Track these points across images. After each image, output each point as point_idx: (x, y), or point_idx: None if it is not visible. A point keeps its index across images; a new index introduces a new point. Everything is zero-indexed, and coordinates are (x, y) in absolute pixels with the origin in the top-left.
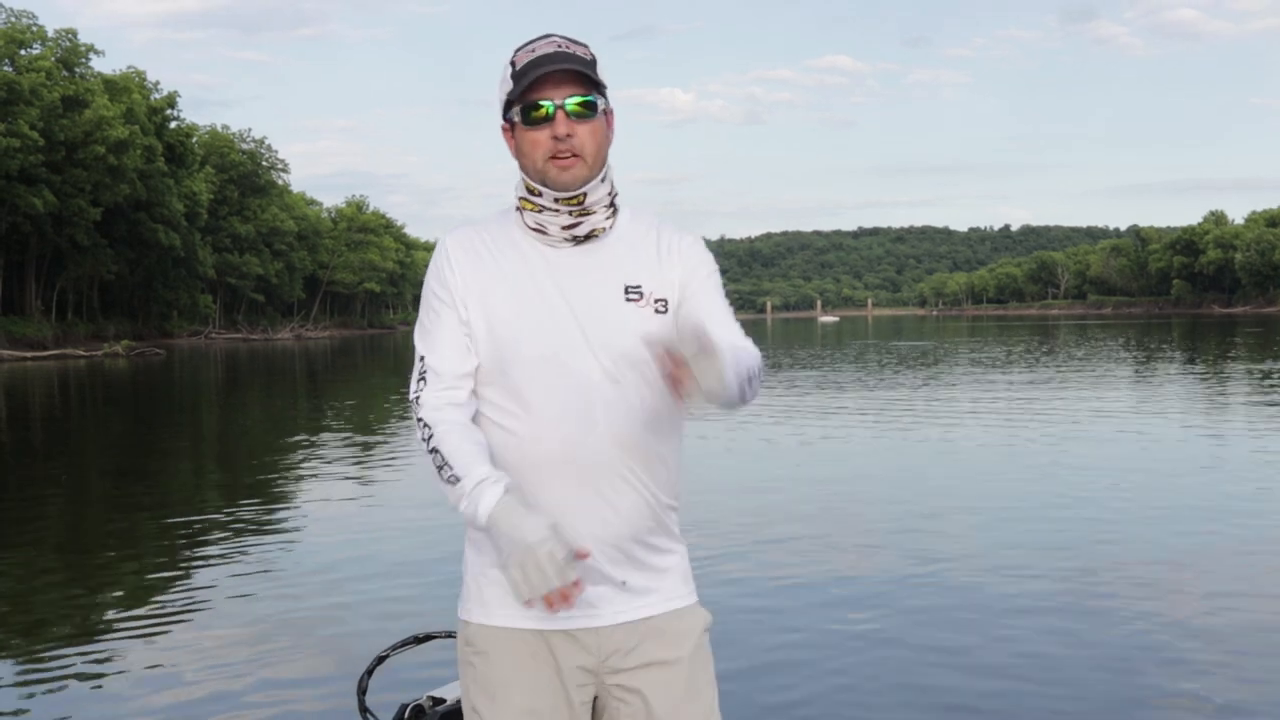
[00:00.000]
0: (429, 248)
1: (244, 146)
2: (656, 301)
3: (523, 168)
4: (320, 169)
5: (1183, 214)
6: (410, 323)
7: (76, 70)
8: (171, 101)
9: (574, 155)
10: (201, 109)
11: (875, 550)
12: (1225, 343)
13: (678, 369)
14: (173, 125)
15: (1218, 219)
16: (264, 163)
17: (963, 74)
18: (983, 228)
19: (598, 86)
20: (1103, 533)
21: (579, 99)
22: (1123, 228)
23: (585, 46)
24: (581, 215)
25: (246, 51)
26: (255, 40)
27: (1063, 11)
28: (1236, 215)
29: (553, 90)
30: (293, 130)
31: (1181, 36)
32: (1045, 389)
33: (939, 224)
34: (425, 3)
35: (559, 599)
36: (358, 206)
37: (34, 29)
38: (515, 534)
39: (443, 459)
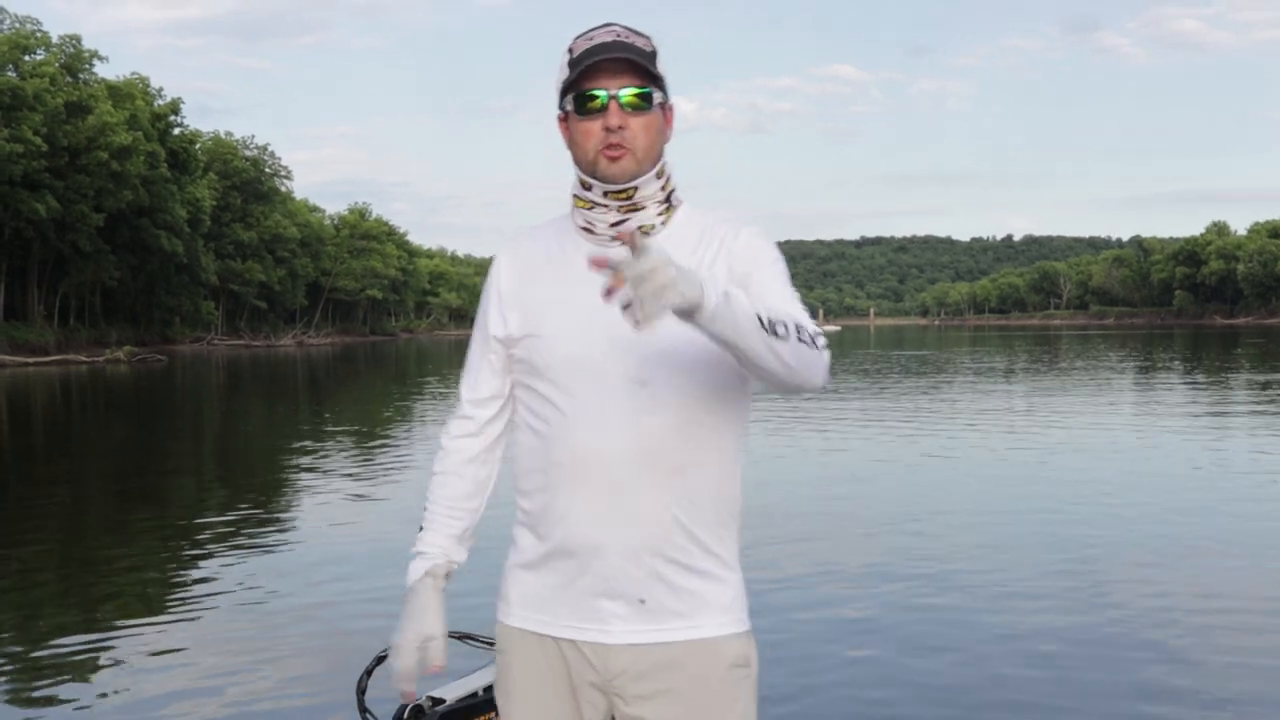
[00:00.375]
0: (431, 255)
1: (247, 153)
2: None
3: (575, 159)
4: (323, 176)
5: (1185, 225)
6: (413, 330)
7: (80, 76)
8: (175, 108)
9: (624, 148)
10: (205, 116)
11: (872, 556)
12: (1227, 354)
13: (614, 278)
14: (176, 132)
15: (1220, 230)
16: (267, 169)
17: (966, 84)
18: (985, 237)
19: (656, 79)
20: (1102, 542)
21: (634, 90)
22: (1125, 238)
23: (647, 38)
24: (630, 211)
25: (250, 59)
26: (258, 48)
27: (1065, 22)
28: (1239, 226)
29: (608, 80)
30: (296, 137)
31: (1184, 47)
32: (1046, 399)
33: (941, 233)
34: (427, 12)
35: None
36: (360, 213)
37: (38, 35)
38: (403, 621)
39: (426, 503)
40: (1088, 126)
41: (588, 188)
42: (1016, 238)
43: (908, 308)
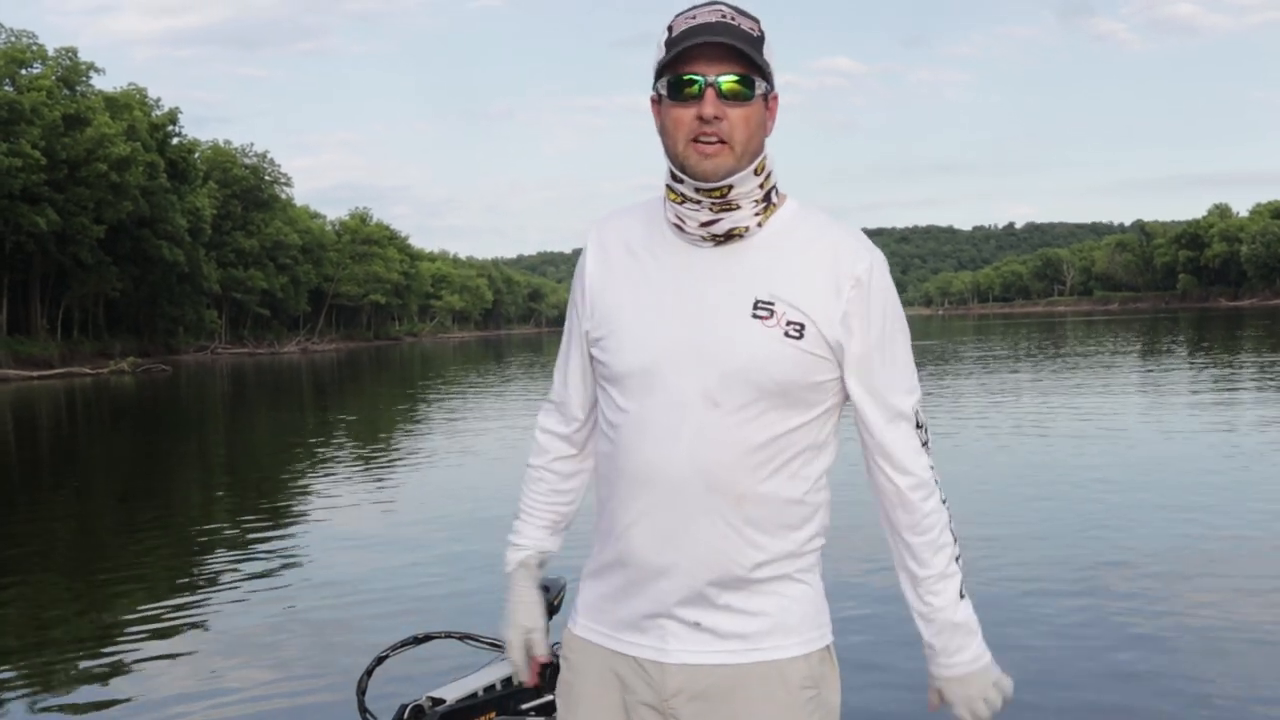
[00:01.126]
0: (433, 258)
1: (246, 161)
2: (789, 325)
3: (665, 149)
4: (323, 182)
5: (1187, 208)
6: (417, 334)
7: (77, 89)
8: (173, 118)
9: (720, 141)
10: (203, 125)
11: (873, 556)
12: (1234, 336)
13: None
14: (174, 141)
15: (1222, 212)
16: (267, 177)
17: (963, 73)
18: (987, 226)
19: (760, 68)
20: (1108, 533)
21: (734, 77)
22: (1127, 223)
23: (755, 21)
24: (723, 210)
25: (247, 67)
26: (256, 56)
27: (1060, 8)
28: (1241, 208)
29: (706, 65)
30: (295, 144)
31: (1179, 31)
32: (1052, 386)
33: (943, 223)
34: (425, 16)
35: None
36: (361, 218)
37: (34, 48)
38: (507, 617)
39: (521, 493)
40: (1086, 112)
41: (678, 180)
42: (1018, 225)
43: (911, 298)
